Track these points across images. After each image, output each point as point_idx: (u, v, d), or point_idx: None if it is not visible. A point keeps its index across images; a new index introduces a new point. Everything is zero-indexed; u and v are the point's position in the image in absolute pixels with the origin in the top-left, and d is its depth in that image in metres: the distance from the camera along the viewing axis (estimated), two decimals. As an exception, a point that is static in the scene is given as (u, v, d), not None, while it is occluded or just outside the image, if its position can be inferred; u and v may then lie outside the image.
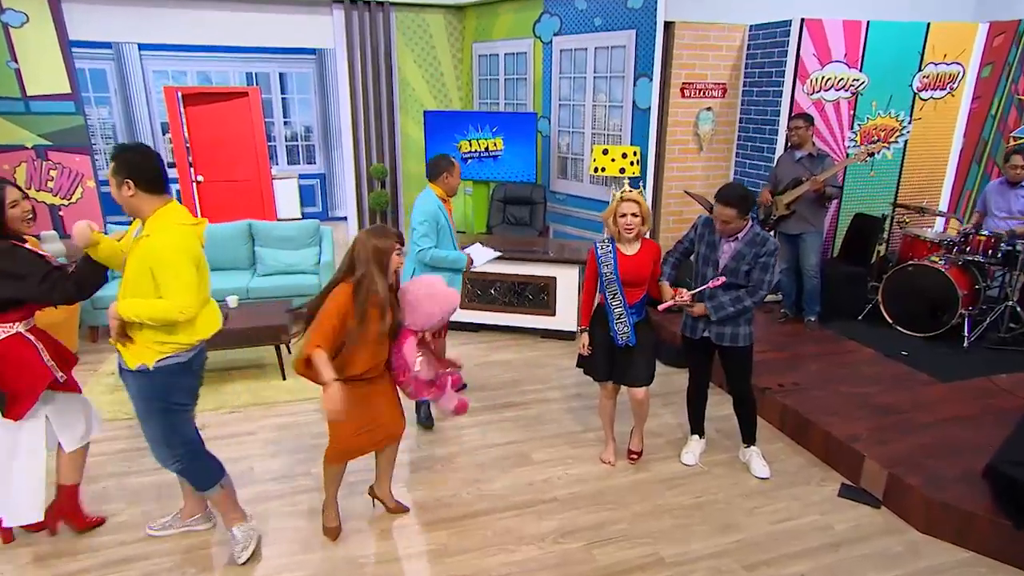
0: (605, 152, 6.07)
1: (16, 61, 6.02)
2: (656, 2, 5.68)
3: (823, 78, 5.67)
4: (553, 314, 5.50)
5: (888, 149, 5.98)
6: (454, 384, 3.05)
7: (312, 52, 9.92)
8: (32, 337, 2.76)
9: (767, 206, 5.21)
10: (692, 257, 3.54)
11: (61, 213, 6.38)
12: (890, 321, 5.32)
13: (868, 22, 5.58)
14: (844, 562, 3.00)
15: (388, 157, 7.95)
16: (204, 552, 3.00)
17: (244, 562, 2.91)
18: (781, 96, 5.75)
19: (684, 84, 6.14)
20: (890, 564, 3.00)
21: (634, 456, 3.78)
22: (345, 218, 8.64)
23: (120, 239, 2.73)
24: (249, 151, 8.21)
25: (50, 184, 6.31)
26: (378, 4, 7.37)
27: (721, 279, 3.32)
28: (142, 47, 8.97)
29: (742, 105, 6.29)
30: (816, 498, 3.46)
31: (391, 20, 7.59)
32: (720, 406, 4.20)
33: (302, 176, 10.31)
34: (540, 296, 5.49)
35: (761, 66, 5.97)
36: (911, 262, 5.21)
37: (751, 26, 6.04)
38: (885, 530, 3.22)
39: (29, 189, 6.20)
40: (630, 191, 3.28)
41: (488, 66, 7.75)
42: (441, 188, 3.93)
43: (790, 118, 5.32)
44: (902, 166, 6.07)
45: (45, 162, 6.25)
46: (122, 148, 2.54)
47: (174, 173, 8.81)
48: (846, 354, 4.91)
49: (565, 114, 6.97)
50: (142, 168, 2.50)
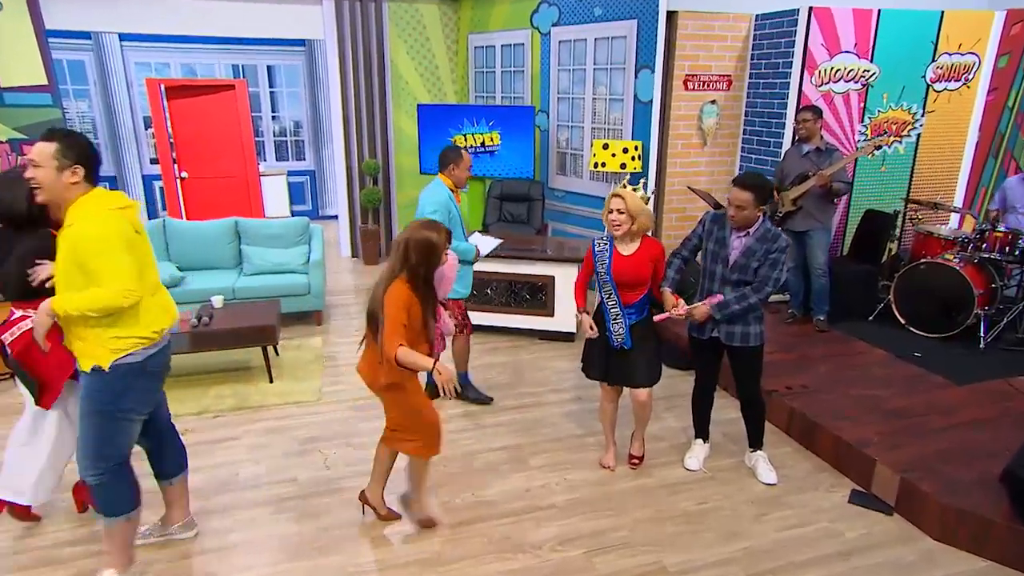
0: (605, 147, 6.07)
1: (-10, 51, 6.03)
2: (658, -10, 5.71)
3: (832, 69, 5.67)
4: (551, 315, 5.49)
5: (900, 143, 5.99)
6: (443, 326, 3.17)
7: (301, 43, 9.91)
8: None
9: (772, 203, 5.21)
10: (700, 255, 3.53)
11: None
12: (902, 322, 5.31)
13: (879, 10, 5.59)
14: (855, 571, 2.98)
15: (380, 153, 7.96)
16: (185, 563, 2.98)
17: None
18: (788, 88, 5.76)
19: (687, 76, 6.14)
20: (903, 573, 2.98)
21: (635, 461, 3.77)
22: (336, 216, 8.62)
23: None
24: (235, 147, 8.21)
25: (26, 180, 6.30)
26: (370, -7, 7.39)
27: (719, 296, 3.33)
28: (123, 37, 8.94)
29: (748, 98, 6.30)
30: (825, 505, 3.45)
31: (383, 10, 7.59)
32: (725, 409, 4.20)
33: (291, 173, 10.30)
34: (538, 296, 5.49)
35: (768, 57, 5.98)
36: (924, 260, 5.21)
37: (757, 15, 6.05)
38: (898, 538, 3.21)
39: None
40: (623, 187, 3.28)
41: (484, 58, 7.76)
42: (450, 179, 4.06)
43: (797, 111, 5.32)
44: (915, 161, 6.07)
45: (20, 156, 6.24)
46: (67, 132, 2.48)
47: (157, 169, 8.83)
48: (856, 356, 4.90)
49: (564, 108, 6.98)
50: (91, 156, 2.48)
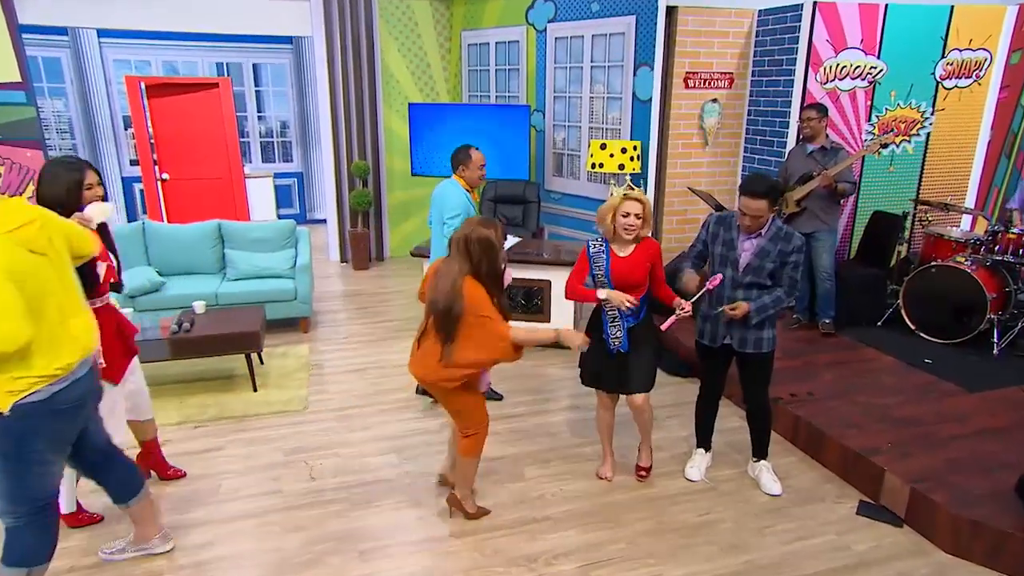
0: (603, 147, 6.09)
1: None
2: (657, -15, 5.74)
3: (838, 66, 5.71)
4: (547, 320, 5.49)
5: (909, 142, 6.02)
6: None
7: (288, 41, 9.95)
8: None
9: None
10: (707, 260, 3.52)
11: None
12: (912, 327, 5.33)
13: (886, 5, 5.62)
14: (863, 585, 2.99)
15: (370, 154, 7.98)
16: (163, 577, 2.97)
17: None
18: (792, 86, 5.79)
19: (688, 74, 6.17)
20: (913, 587, 2.99)
21: (643, 473, 3.75)
22: (324, 220, 8.63)
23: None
24: (219, 147, 8.21)
25: (-3, 180, 6.30)
26: (359, -12, 7.43)
27: (719, 277, 3.32)
28: (101, 33, 8.93)
29: (750, 96, 6.33)
30: (832, 516, 3.45)
31: (373, 6, 7.63)
32: (728, 418, 4.20)
33: (278, 175, 10.31)
34: (533, 301, 5.49)
35: (771, 54, 6.01)
36: (935, 263, 5.23)
37: (760, 11, 6.09)
38: (908, 551, 3.21)
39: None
40: (634, 190, 3.29)
41: (478, 56, 7.80)
42: (463, 180, 4.25)
43: (802, 109, 5.35)
44: (924, 160, 6.10)
45: (-5, 157, 6.25)
46: None
47: (137, 171, 8.83)
48: (864, 362, 4.91)
49: (560, 107, 7.02)
50: None
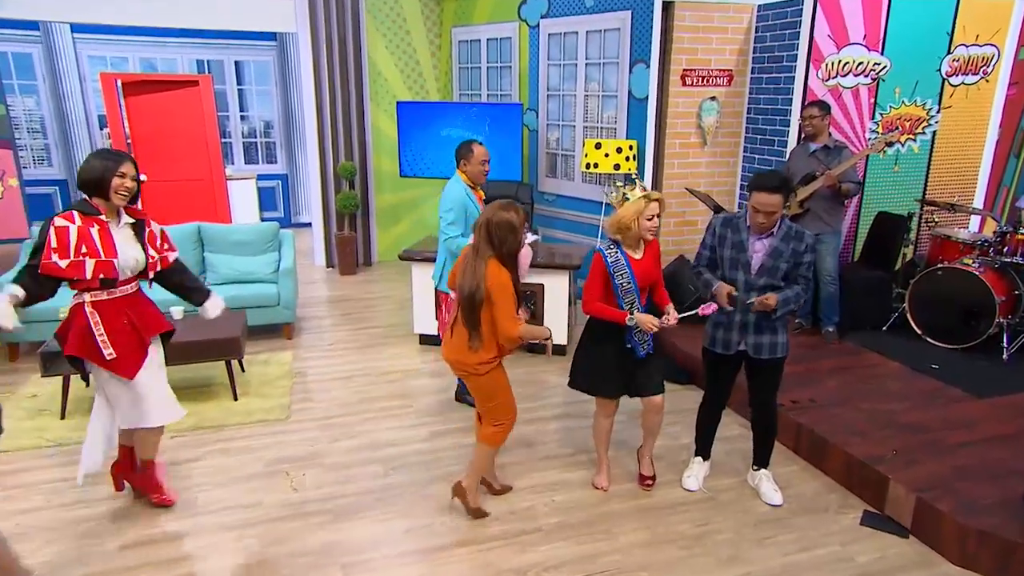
0: (598, 146, 6.12)
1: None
2: (653, -21, 5.78)
3: (840, 62, 5.74)
4: (540, 325, 5.48)
5: (914, 141, 6.06)
6: None
7: (272, 37, 9.98)
8: (91, 310, 3.07)
9: None
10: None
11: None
12: (918, 332, 5.35)
13: None
14: (866, 597, 2.99)
15: (357, 155, 7.99)
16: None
17: None
18: (793, 83, 5.83)
19: (685, 71, 6.20)
20: (918, 599, 2.99)
21: (649, 482, 3.75)
22: (310, 224, 8.63)
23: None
24: (200, 148, 8.21)
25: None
26: (345, -17, 7.46)
27: (713, 307, 3.32)
28: (75, 28, 8.91)
29: (750, 94, 6.37)
30: (835, 527, 3.45)
31: (360, 1, 7.66)
32: (728, 426, 4.21)
33: (261, 177, 10.30)
34: (526, 306, 5.49)
35: (771, 50, 6.05)
36: (941, 265, 5.26)
37: (759, 5, 6.13)
38: (914, 562, 3.21)
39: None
40: (642, 189, 3.30)
41: (469, 53, 7.83)
42: (465, 175, 4.33)
43: (803, 107, 5.39)
44: (930, 160, 6.14)
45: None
46: None
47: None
48: (869, 368, 4.93)
49: (554, 105, 7.04)
50: None
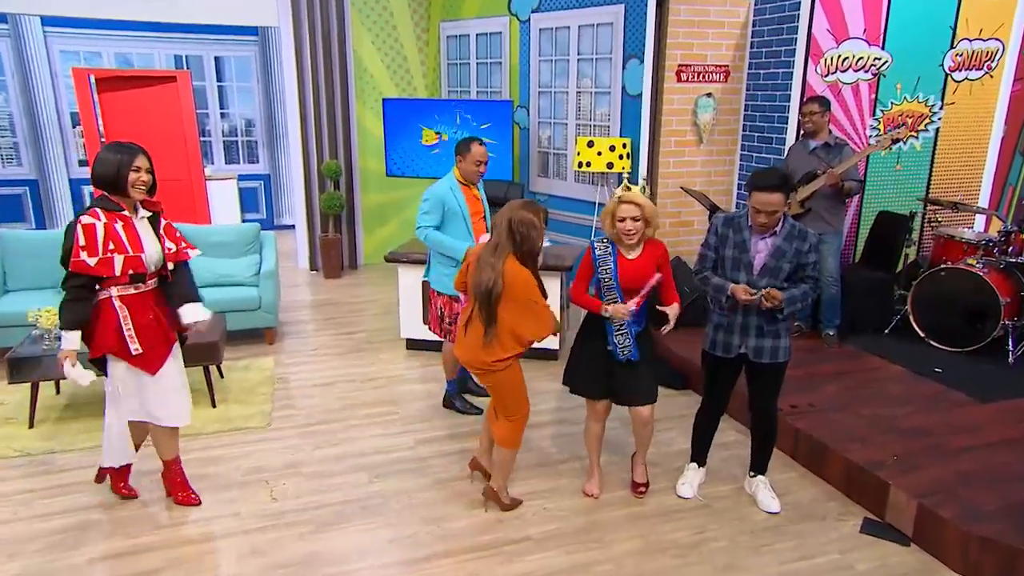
0: (591, 145, 6.13)
1: None
2: (647, -28, 5.80)
3: (839, 57, 5.77)
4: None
5: (917, 138, 6.08)
6: None
7: (253, 32, 9.96)
8: (120, 305, 3.16)
9: None
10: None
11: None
12: (921, 334, 5.37)
13: (890, -8, 5.70)
14: (866, 607, 2.99)
15: (343, 154, 7.99)
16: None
17: None
18: (791, 79, 5.84)
19: (680, 66, 6.22)
20: (920, 608, 2.99)
21: (642, 490, 3.76)
22: (293, 226, 8.61)
23: None
24: (178, 146, 8.19)
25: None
26: (329, -24, 7.46)
27: (655, 278, 3.30)
28: (46, 21, 8.88)
29: (747, 90, 6.38)
30: (834, 535, 3.45)
31: (345, -5, 7.67)
32: (724, 432, 4.19)
33: (242, 177, 10.28)
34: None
35: (768, 44, 6.07)
36: (945, 266, 5.28)
37: (756, -1, 6.16)
38: (915, 570, 3.21)
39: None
40: (629, 190, 3.32)
41: (457, 48, 7.84)
42: (458, 172, 4.44)
43: (803, 103, 5.40)
44: (933, 157, 6.16)
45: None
46: None
47: (86, 172, 8.76)
48: (870, 372, 4.94)
49: (545, 103, 7.06)
50: None
